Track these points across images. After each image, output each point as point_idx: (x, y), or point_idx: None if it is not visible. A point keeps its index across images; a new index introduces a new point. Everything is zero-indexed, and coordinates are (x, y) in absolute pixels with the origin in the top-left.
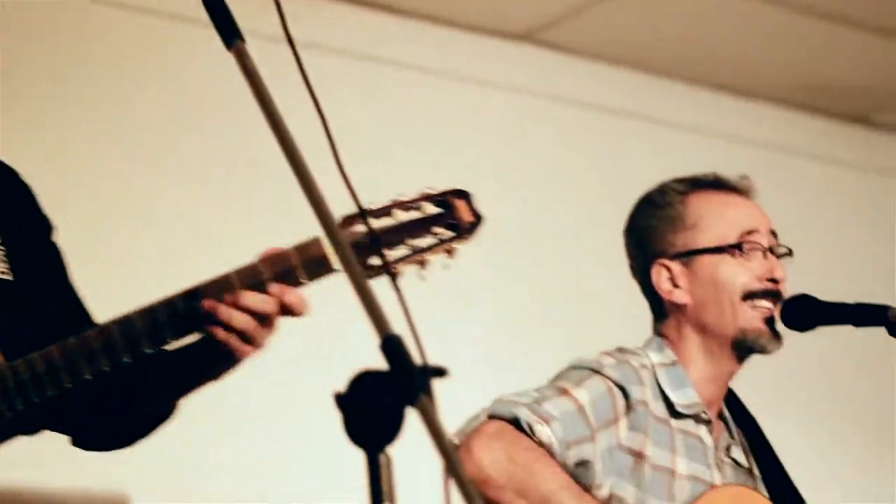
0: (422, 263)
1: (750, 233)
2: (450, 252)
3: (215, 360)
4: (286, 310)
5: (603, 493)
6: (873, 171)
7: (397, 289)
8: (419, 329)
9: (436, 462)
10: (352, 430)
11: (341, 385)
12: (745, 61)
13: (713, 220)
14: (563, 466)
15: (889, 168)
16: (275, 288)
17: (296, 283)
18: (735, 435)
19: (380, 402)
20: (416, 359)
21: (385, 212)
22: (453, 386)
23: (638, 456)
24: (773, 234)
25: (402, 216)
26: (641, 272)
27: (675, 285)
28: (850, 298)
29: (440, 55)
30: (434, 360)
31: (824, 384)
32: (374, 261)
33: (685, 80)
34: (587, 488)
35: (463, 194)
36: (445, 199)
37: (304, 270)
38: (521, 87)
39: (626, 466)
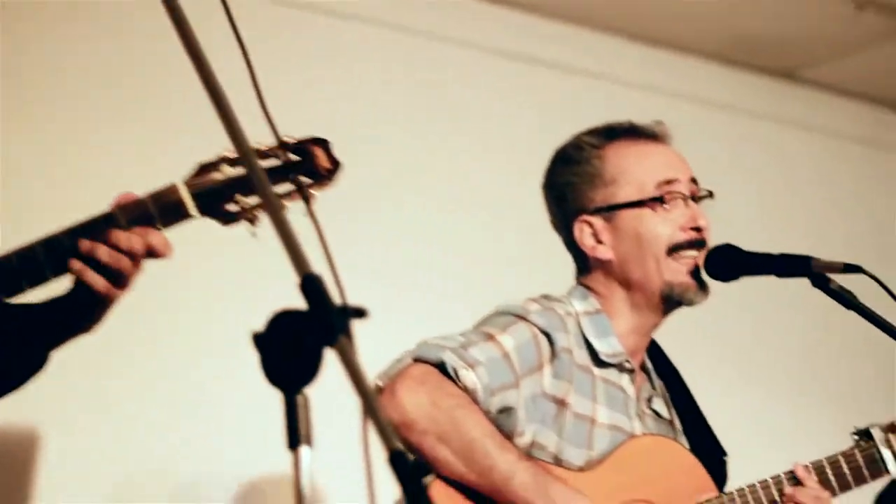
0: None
1: (669, 182)
2: (308, 199)
3: (85, 305)
4: (150, 252)
5: (525, 440)
6: (797, 126)
7: (318, 229)
8: (339, 269)
9: (354, 403)
10: (269, 370)
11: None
12: (671, 14)
13: (632, 173)
14: (487, 413)
15: (812, 123)
16: (138, 230)
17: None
18: (657, 386)
19: (298, 343)
20: (336, 299)
21: (241, 160)
22: (374, 328)
23: (560, 404)
24: (693, 179)
25: (260, 164)
26: (563, 228)
27: (599, 241)
28: (774, 251)
29: None
30: (354, 300)
31: (747, 335)
32: (232, 207)
33: (606, 30)
34: (509, 435)
35: (321, 142)
36: (304, 147)
37: (160, 217)
38: (434, 34)
39: (549, 414)
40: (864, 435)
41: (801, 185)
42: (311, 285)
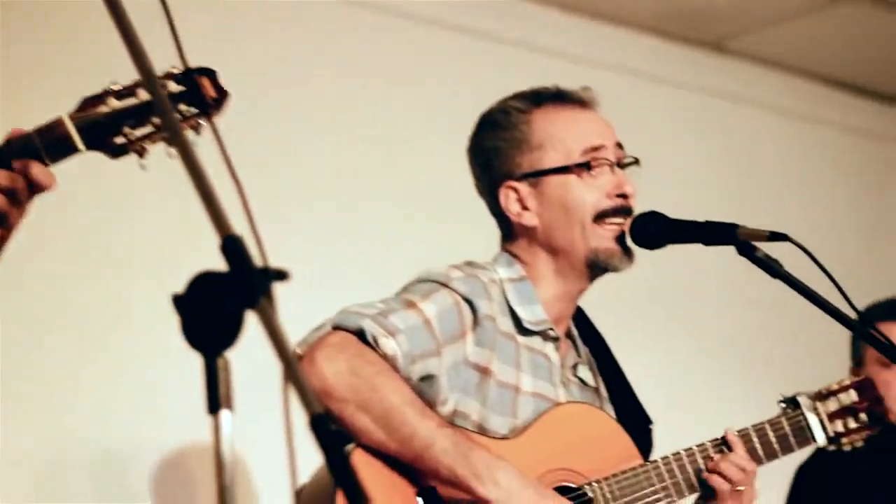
0: (168, 141)
1: (596, 148)
2: (196, 128)
3: None
4: (34, 187)
5: (447, 408)
6: (724, 98)
7: (240, 189)
8: (261, 231)
9: (276, 368)
10: (189, 332)
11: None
12: None
13: (559, 138)
14: (408, 380)
15: (740, 95)
16: (18, 163)
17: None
18: (582, 353)
19: (218, 305)
20: (257, 260)
21: (129, 91)
22: (296, 293)
23: (483, 372)
24: (619, 145)
25: (145, 95)
26: (489, 193)
27: (524, 207)
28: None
29: None
30: (276, 262)
31: (675, 303)
32: (119, 140)
33: (536, 0)
34: (431, 403)
35: (207, 71)
36: (190, 77)
37: (46, 151)
38: (363, 2)
39: (472, 382)
40: (791, 403)
41: (728, 155)
42: (232, 247)
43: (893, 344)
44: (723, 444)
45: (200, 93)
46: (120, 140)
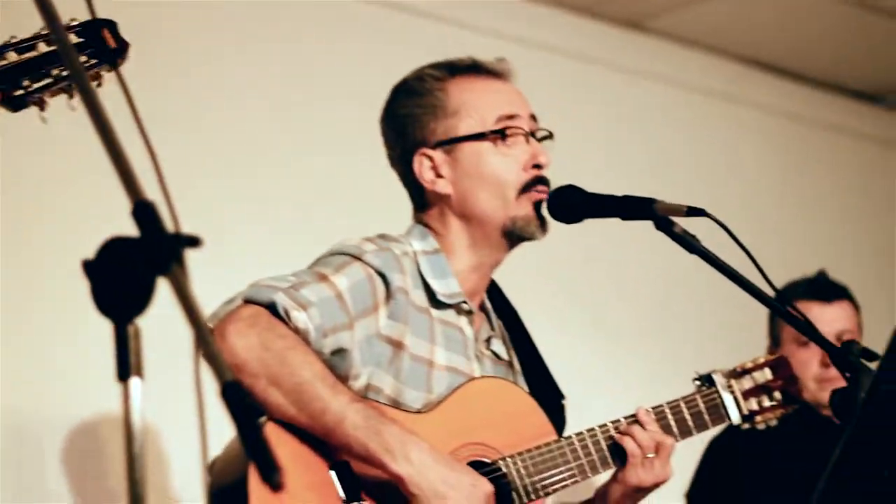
0: (69, 92)
1: (511, 117)
2: (97, 78)
3: None
4: None
5: (360, 382)
6: (644, 76)
7: (152, 154)
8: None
9: (187, 335)
10: (100, 299)
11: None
12: None
13: (474, 106)
14: (320, 354)
15: (660, 73)
16: None
17: None
18: (496, 327)
19: (129, 271)
20: (169, 226)
21: (28, 45)
22: (208, 263)
23: (396, 346)
24: (534, 118)
25: (44, 48)
26: (402, 162)
27: (438, 175)
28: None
29: None
30: (188, 229)
31: (590, 278)
32: (18, 92)
33: None
34: (344, 378)
35: (107, 23)
36: (90, 29)
37: None
38: None
39: (385, 356)
40: (706, 380)
41: (646, 134)
42: (143, 212)
43: (811, 322)
44: (636, 422)
45: (101, 44)
46: (19, 93)
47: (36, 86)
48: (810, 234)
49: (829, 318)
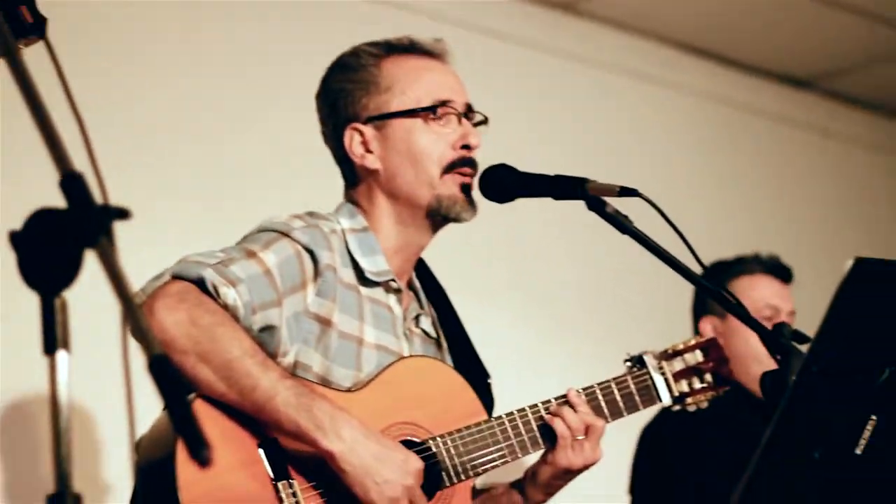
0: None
1: (445, 103)
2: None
3: None
4: None
5: (288, 360)
6: (576, 60)
7: (82, 127)
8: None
9: (115, 308)
10: (26, 271)
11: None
12: None
13: (408, 83)
14: (248, 331)
15: (592, 57)
16: None
17: None
18: (425, 305)
19: (57, 243)
20: (98, 198)
21: None
22: (137, 237)
23: (325, 323)
24: (469, 106)
25: None
26: (334, 137)
27: (368, 150)
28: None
29: None
30: (118, 202)
31: (520, 258)
32: None
33: None
34: (272, 355)
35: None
36: (5, 4)
37: None
38: None
39: (313, 333)
40: (637, 362)
41: (577, 117)
42: (71, 183)
43: (741, 303)
44: (567, 403)
45: (18, 20)
46: None
47: None
48: (740, 217)
49: (786, 296)
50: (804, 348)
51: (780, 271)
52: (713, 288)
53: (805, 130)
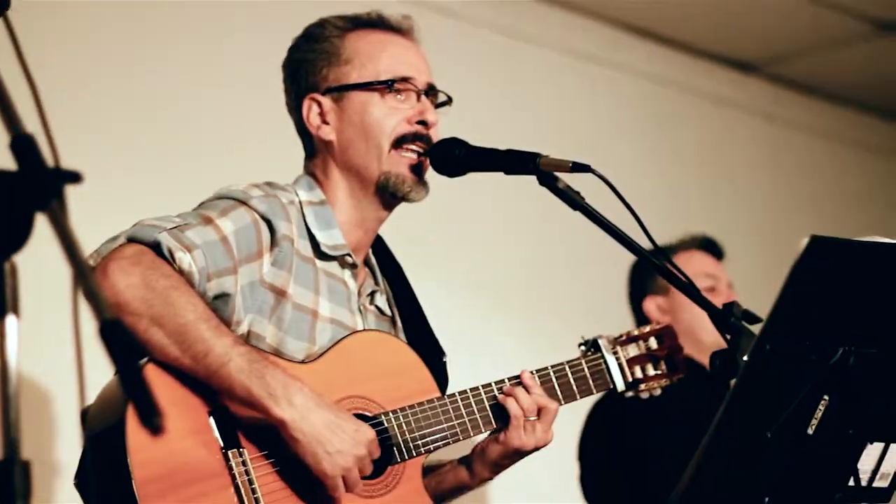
0: None
1: (405, 79)
2: None
3: None
4: None
5: (242, 329)
6: (522, 40)
7: (34, 88)
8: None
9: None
10: None
11: None
12: None
13: (369, 57)
14: (203, 297)
15: (539, 37)
16: None
17: None
18: (380, 282)
19: (6, 206)
20: (49, 161)
21: None
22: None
23: (280, 294)
24: (431, 86)
25: None
26: (295, 108)
27: (325, 121)
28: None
29: None
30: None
31: (474, 237)
32: None
33: None
34: (226, 323)
35: None
36: None
37: None
38: None
39: (267, 304)
40: (592, 345)
41: (523, 96)
42: (22, 145)
43: (692, 282)
44: (520, 384)
45: None
46: None
47: None
48: (684, 198)
49: (721, 269)
50: (754, 329)
51: (712, 247)
52: (664, 266)
53: (749, 114)
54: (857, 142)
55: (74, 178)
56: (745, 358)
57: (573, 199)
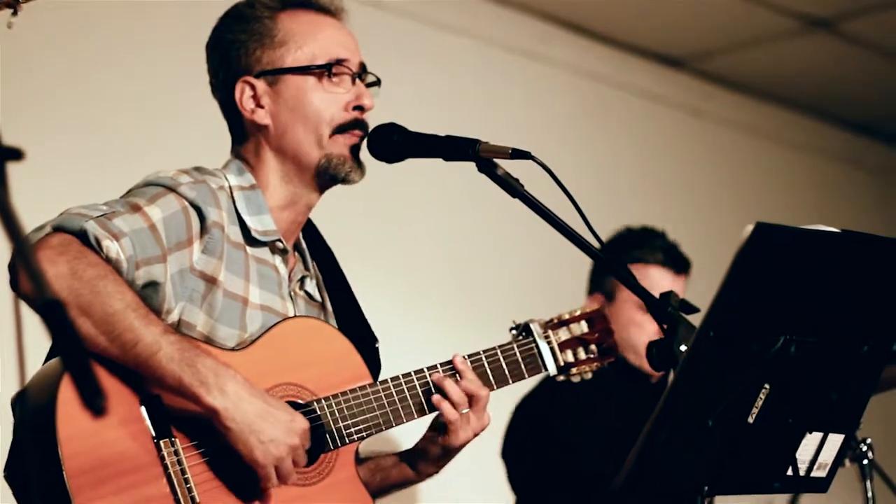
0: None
1: (340, 62)
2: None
3: None
4: None
5: (172, 318)
6: (454, 33)
7: None
8: None
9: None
10: None
11: None
12: None
13: (303, 39)
14: (132, 286)
15: (469, 30)
16: None
17: None
18: (310, 268)
19: None
20: None
21: None
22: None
23: (210, 281)
24: (363, 66)
25: None
26: (224, 90)
27: (259, 105)
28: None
29: None
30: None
31: (407, 219)
32: None
33: None
34: (156, 312)
35: None
36: None
37: None
38: None
39: (198, 292)
40: (524, 330)
41: (452, 88)
42: None
43: (631, 272)
44: (452, 370)
45: None
46: None
47: None
48: (612, 192)
49: (679, 287)
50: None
51: (676, 263)
52: (604, 258)
53: (677, 110)
54: (784, 138)
55: (16, 155)
56: (682, 347)
57: (512, 187)
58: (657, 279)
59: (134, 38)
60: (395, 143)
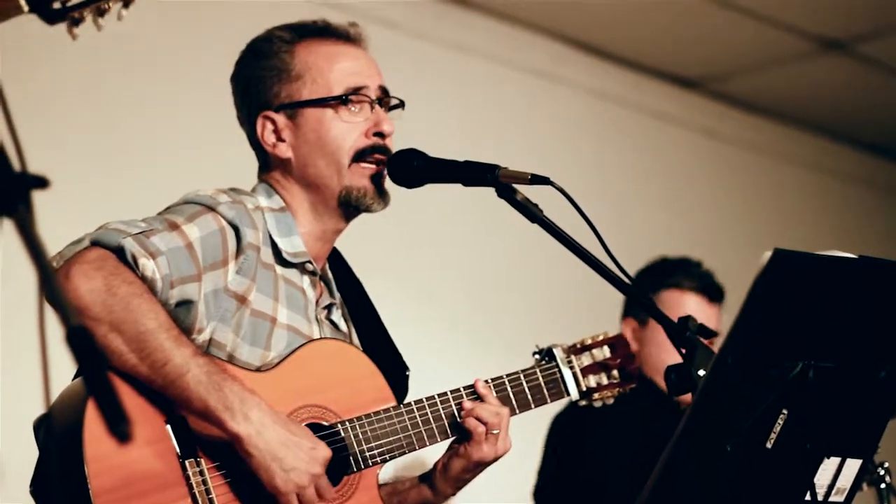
0: (100, 11)
1: (357, 90)
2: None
3: None
4: None
5: (204, 336)
6: (466, 52)
7: (1, 96)
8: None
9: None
10: None
11: None
12: None
13: (320, 71)
14: (165, 304)
15: (483, 50)
16: None
17: None
18: (336, 296)
19: None
20: (16, 166)
21: None
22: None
23: (241, 301)
24: (383, 89)
25: None
26: (247, 122)
27: (280, 139)
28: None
29: None
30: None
31: (432, 247)
32: (56, 5)
33: None
34: (188, 330)
35: None
36: None
37: None
38: None
39: (230, 311)
40: (546, 355)
41: (467, 109)
42: None
43: (650, 297)
44: (475, 394)
45: None
46: (57, 5)
47: (74, 1)
48: (626, 213)
49: (714, 316)
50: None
51: (711, 291)
52: (621, 282)
53: (691, 130)
54: (799, 159)
55: (41, 183)
56: (700, 372)
57: (532, 212)
58: (691, 306)
59: (164, 69)
60: (415, 169)
